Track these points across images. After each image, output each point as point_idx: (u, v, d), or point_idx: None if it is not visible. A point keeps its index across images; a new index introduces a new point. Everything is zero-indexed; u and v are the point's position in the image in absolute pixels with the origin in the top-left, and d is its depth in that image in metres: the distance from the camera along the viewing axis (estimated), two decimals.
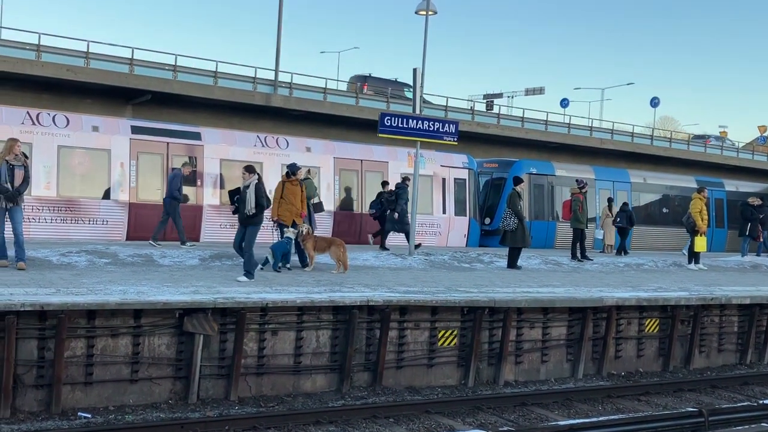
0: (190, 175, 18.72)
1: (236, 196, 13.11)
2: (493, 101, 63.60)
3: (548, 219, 27.61)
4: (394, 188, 20.23)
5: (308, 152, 22.05)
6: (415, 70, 17.86)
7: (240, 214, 12.97)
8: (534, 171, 27.44)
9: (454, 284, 13.73)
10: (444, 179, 24.80)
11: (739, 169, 55.08)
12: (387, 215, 19.92)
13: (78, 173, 18.53)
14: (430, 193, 24.22)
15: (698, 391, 12.65)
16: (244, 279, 12.51)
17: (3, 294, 9.53)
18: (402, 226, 19.75)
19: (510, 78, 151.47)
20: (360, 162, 23.18)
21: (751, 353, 15.40)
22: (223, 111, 35.51)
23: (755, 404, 11.46)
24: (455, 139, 18.47)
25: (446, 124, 18.55)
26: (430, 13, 19.16)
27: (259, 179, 12.93)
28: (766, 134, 67.63)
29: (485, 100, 64.47)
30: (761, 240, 24.59)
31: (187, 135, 20.39)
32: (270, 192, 16.77)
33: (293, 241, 14.67)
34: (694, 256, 20.74)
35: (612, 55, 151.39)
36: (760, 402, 11.67)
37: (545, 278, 16.02)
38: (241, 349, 10.39)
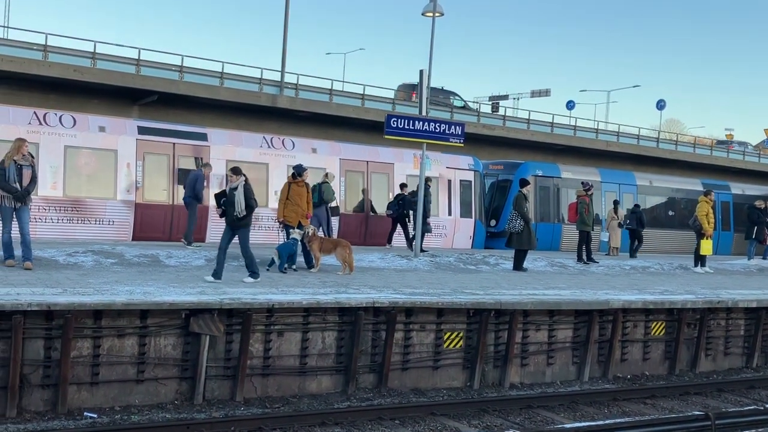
0: (209, 176, 18.75)
1: (223, 199, 12.78)
2: (498, 103, 63.54)
3: (554, 221, 27.58)
4: (415, 190, 20.46)
5: (314, 153, 22.05)
6: (421, 71, 17.88)
7: (228, 217, 12.64)
8: (540, 173, 27.41)
9: (459, 286, 13.73)
10: (450, 181, 24.77)
11: (746, 172, 54.94)
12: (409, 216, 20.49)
13: (84, 173, 18.56)
14: (435, 194, 24.19)
15: (704, 395, 12.63)
16: (251, 280, 12.52)
17: (10, 294, 9.56)
18: (424, 226, 20.08)
19: (516, 80, 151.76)
20: (366, 163, 23.18)
21: (757, 357, 15.37)
22: (229, 112, 35.56)
23: (762, 408, 11.43)
24: (461, 140, 18.45)
25: (453, 126, 18.54)
26: (436, 14, 19.14)
27: (246, 180, 12.71)
28: None
29: (491, 102, 64.43)
30: None
31: (194, 136, 20.41)
32: (276, 193, 16.85)
33: (299, 242, 14.67)
34: (700, 259, 20.70)
35: (618, 58, 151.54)
36: (767, 406, 11.64)
37: (551, 280, 16.00)
38: (247, 350, 10.41)
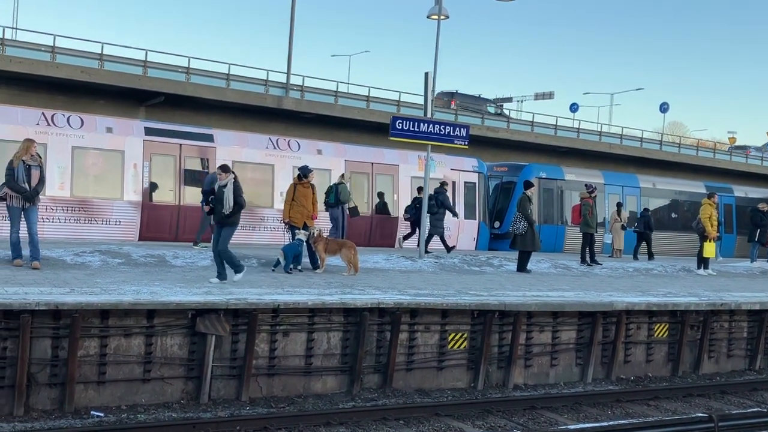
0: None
1: (211, 197, 12.68)
2: (502, 105, 63.51)
3: (557, 223, 27.63)
4: (433, 193, 20.96)
5: (319, 155, 22.13)
6: (426, 74, 17.94)
7: (216, 214, 12.50)
8: (543, 175, 27.46)
9: (464, 287, 13.78)
10: (454, 183, 24.83)
11: (748, 174, 54.94)
12: (430, 220, 20.65)
13: (92, 174, 18.66)
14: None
15: (707, 397, 12.65)
16: (239, 276, 12.35)
17: (18, 293, 9.63)
18: (439, 229, 20.67)
19: (519, 82, 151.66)
20: (371, 165, 23.25)
21: (760, 359, 15.40)
22: (235, 113, 35.67)
23: (765, 410, 11.46)
24: (466, 143, 18.51)
25: (457, 128, 18.61)
26: (442, 17, 19.20)
27: (236, 178, 12.58)
28: None
29: (494, 104, 64.39)
30: None
31: (200, 137, 20.51)
32: (281, 194, 16.86)
33: (304, 243, 14.75)
34: (703, 262, 20.73)
35: (621, 61, 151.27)
36: None
37: (555, 282, 16.05)
38: (253, 349, 10.46)
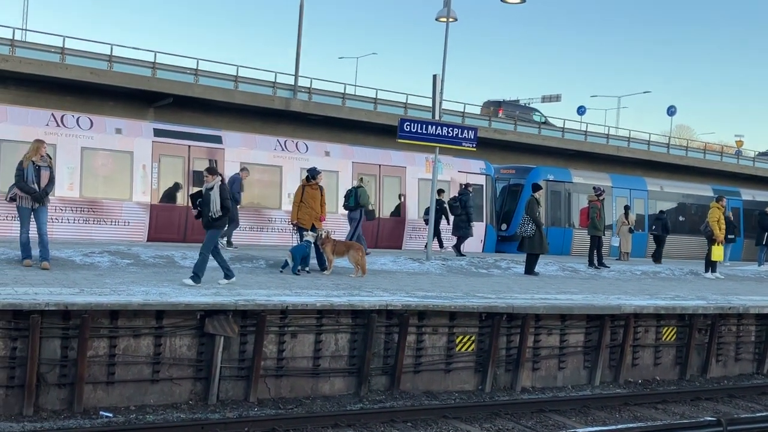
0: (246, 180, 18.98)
1: (198, 200, 12.35)
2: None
3: (565, 226, 27.59)
4: (457, 195, 21.45)
5: (327, 156, 22.15)
6: (435, 76, 17.95)
7: (203, 218, 12.17)
8: (551, 178, 27.44)
9: (472, 290, 13.78)
10: (461, 185, 24.81)
11: (755, 178, 54.84)
12: (454, 222, 21.20)
13: (101, 175, 18.72)
14: (447, 198, 24.26)
15: (716, 401, 12.63)
16: (190, 282, 11.76)
17: (28, 293, 9.67)
18: (464, 231, 20.93)
19: (526, 85, 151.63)
20: (378, 167, 23.26)
21: None
22: (243, 115, 35.78)
23: None
24: (474, 145, 18.53)
25: (465, 130, 18.62)
26: (450, 20, 19.23)
27: (223, 181, 12.37)
28: None
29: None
30: None
31: (209, 138, 20.56)
32: (289, 196, 16.89)
33: (312, 245, 14.77)
34: (711, 265, 20.68)
35: (628, 64, 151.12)
36: None
37: (563, 285, 16.04)
38: (261, 351, 10.47)
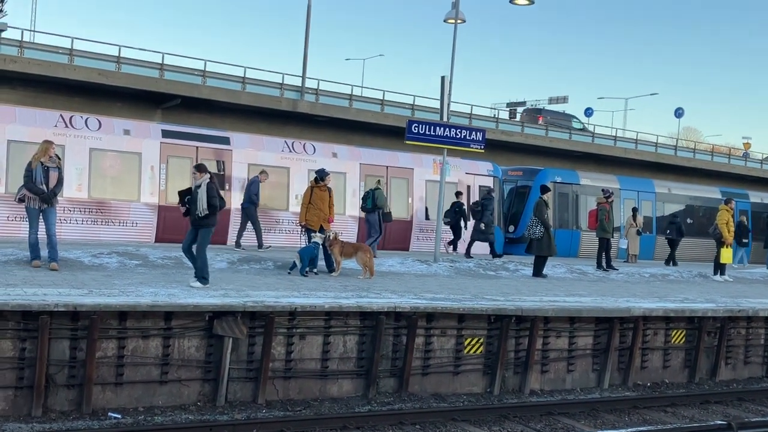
0: (265, 182, 19.14)
1: (187, 197, 12.14)
2: (516, 110, 63.48)
3: (572, 228, 27.55)
4: (479, 199, 21.74)
5: (334, 158, 22.16)
6: (443, 78, 17.95)
7: (191, 216, 11.97)
8: (559, 180, 27.41)
9: (480, 292, 13.76)
10: (469, 187, 24.82)
11: (763, 180, 54.68)
12: (473, 225, 21.41)
13: (109, 176, 18.76)
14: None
15: (725, 404, 12.56)
16: (198, 284, 11.69)
17: (37, 294, 9.68)
18: (486, 236, 21.07)
19: (533, 87, 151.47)
20: (385, 168, 23.26)
21: None
22: (250, 116, 35.85)
23: None
24: (482, 146, 18.51)
25: (473, 132, 18.60)
26: (459, 21, 19.23)
27: (211, 178, 12.07)
28: None
29: (508, 109, 64.39)
30: None
31: (217, 139, 20.61)
32: (297, 197, 16.86)
33: (320, 246, 14.76)
34: (719, 268, 20.63)
35: (635, 66, 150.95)
36: None
37: (571, 287, 16.00)
38: (269, 352, 10.45)
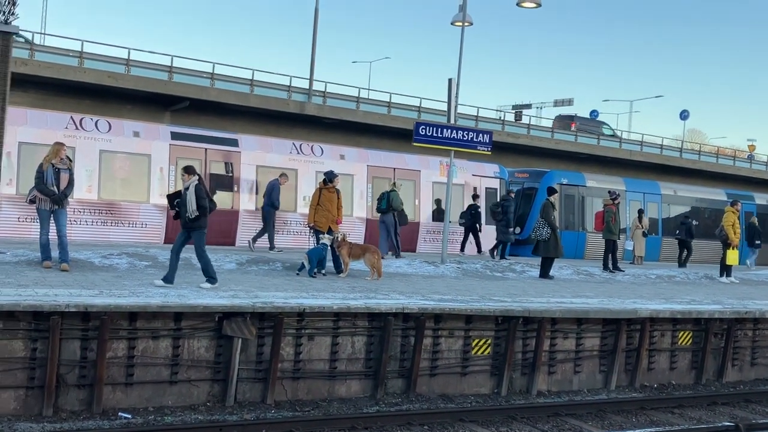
0: (285, 186, 19.37)
1: (176, 200, 12.07)
2: (521, 112, 63.56)
3: (578, 229, 27.57)
4: (499, 201, 22.18)
5: (342, 160, 22.25)
6: (450, 80, 18.00)
7: (182, 219, 11.91)
8: (565, 181, 27.43)
9: (487, 293, 13.80)
10: (475, 188, 24.88)
11: None
12: (497, 227, 21.89)
13: (119, 177, 18.87)
14: (461, 202, 24.33)
15: (732, 405, 12.58)
16: (208, 285, 11.71)
17: (48, 295, 9.74)
18: (507, 236, 21.62)
19: (539, 89, 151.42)
20: (393, 170, 23.34)
21: None
22: (258, 118, 35.97)
23: None
24: (489, 148, 18.56)
25: (480, 134, 18.66)
26: (466, 24, 19.28)
27: (200, 180, 11.92)
28: None
29: (514, 111, 64.43)
30: None
31: (225, 141, 20.71)
32: (305, 199, 16.89)
33: (329, 248, 14.83)
34: (726, 269, 20.64)
35: (640, 68, 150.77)
36: None
37: (578, 289, 16.03)
38: (278, 353, 10.50)
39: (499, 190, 25.51)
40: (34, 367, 9.25)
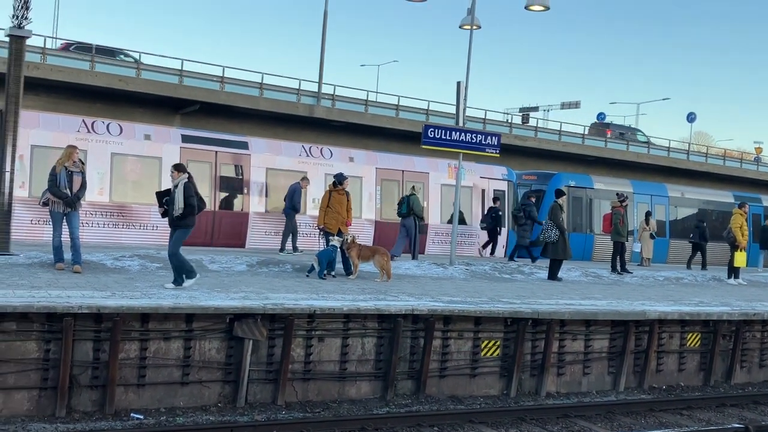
0: (306, 189, 19.54)
1: (165, 198, 11.92)
2: (529, 114, 63.46)
3: (586, 231, 27.58)
4: (522, 205, 22.13)
5: (351, 162, 22.31)
6: (458, 83, 18.06)
7: (169, 216, 11.79)
8: (573, 184, 27.43)
9: (496, 295, 13.84)
10: (483, 191, 24.93)
11: None
12: (519, 230, 21.86)
13: (130, 180, 18.97)
14: (469, 204, 24.38)
15: (741, 407, 12.60)
16: (190, 282, 11.57)
17: (61, 296, 9.82)
18: (528, 239, 21.64)
19: (546, 91, 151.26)
20: (401, 172, 23.40)
21: None
22: (268, 121, 36.11)
23: None
24: (497, 151, 18.61)
25: (489, 137, 18.71)
26: (474, 27, 19.34)
27: (189, 178, 11.78)
28: None
29: (521, 114, 64.39)
30: None
31: (235, 144, 20.80)
32: (314, 201, 16.93)
33: (338, 249, 14.90)
34: (733, 271, 20.64)
35: (647, 70, 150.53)
36: None
37: (586, 290, 16.06)
38: (289, 354, 10.57)
39: (507, 193, 25.54)
40: (48, 368, 9.33)
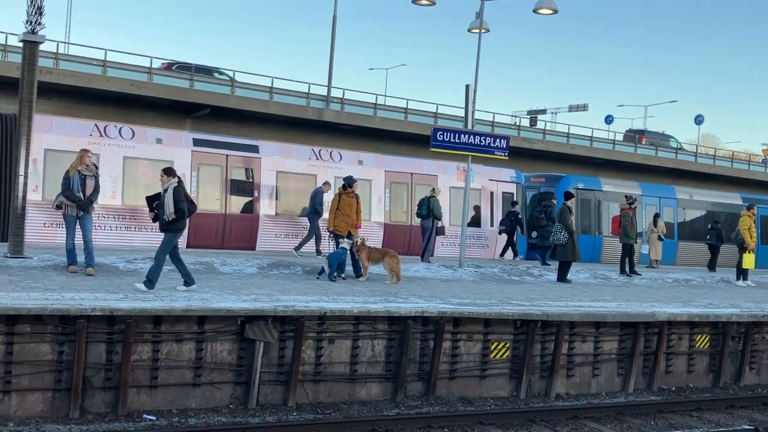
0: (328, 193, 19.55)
1: (155, 202, 11.88)
2: (537, 117, 63.49)
3: (595, 234, 27.57)
4: (542, 207, 22.28)
5: (360, 165, 22.37)
6: (467, 86, 18.12)
7: (159, 221, 11.75)
8: (581, 186, 27.41)
9: (506, 297, 13.90)
10: (492, 193, 24.96)
11: None
12: (539, 232, 22.02)
13: (142, 183, 19.06)
14: (478, 206, 24.42)
15: (750, 408, 12.62)
16: (143, 288, 11.26)
17: (74, 299, 9.91)
18: (547, 241, 21.35)
19: (554, 94, 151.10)
20: (410, 175, 23.45)
21: None
22: (278, 125, 36.24)
23: None
24: (506, 153, 18.66)
25: (497, 139, 18.78)
26: (483, 31, 19.41)
27: (179, 182, 11.75)
28: None
29: (529, 116, 64.43)
30: None
31: (246, 148, 20.87)
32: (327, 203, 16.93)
33: (348, 252, 14.98)
34: (742, 273, 20.63)
35: (655, 73, 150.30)
36: None
37: (595, 292, 16.09)
38: (300, 356, 10.65)
39: (516, 195, 25.56)
40: (61, 370, 9.43)
